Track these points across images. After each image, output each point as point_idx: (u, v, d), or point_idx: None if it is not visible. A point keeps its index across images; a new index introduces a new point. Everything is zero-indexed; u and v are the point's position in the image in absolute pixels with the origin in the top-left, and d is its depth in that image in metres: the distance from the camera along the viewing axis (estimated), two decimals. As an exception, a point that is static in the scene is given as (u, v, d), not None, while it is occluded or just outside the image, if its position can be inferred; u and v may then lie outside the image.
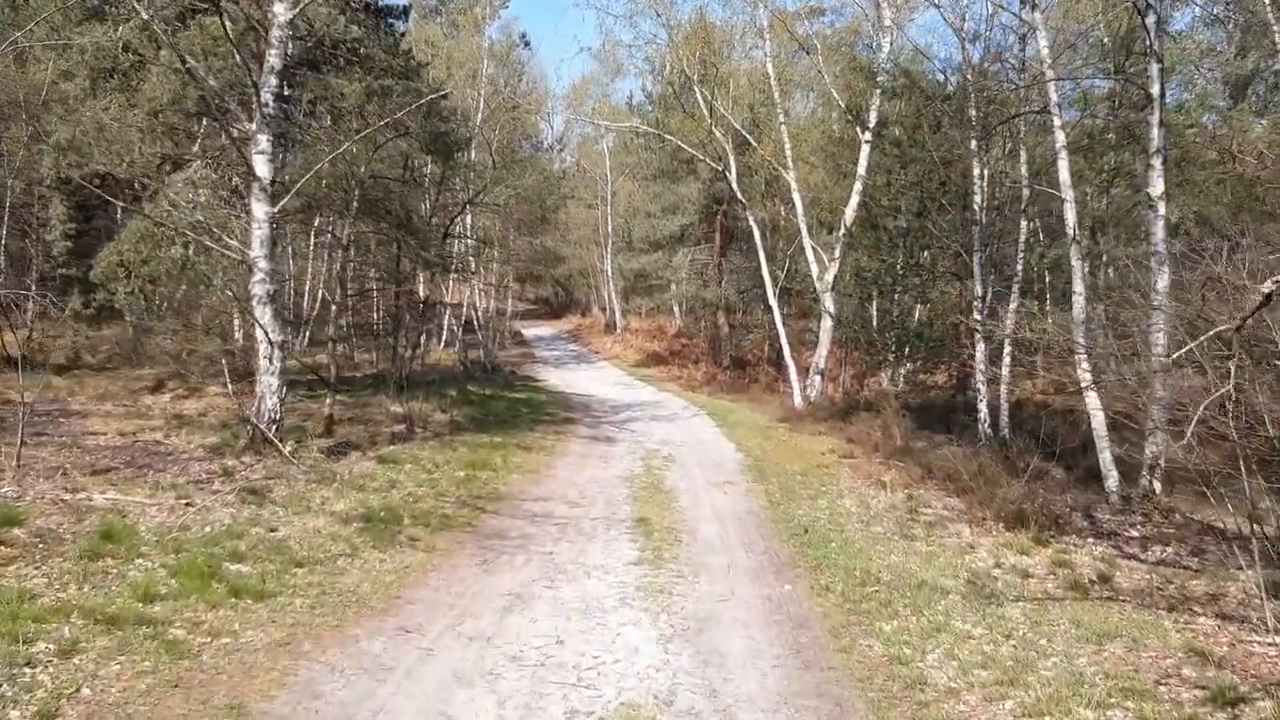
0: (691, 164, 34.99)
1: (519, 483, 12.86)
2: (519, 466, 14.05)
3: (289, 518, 9.38)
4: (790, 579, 8.78)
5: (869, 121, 22.30)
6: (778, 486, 13.95)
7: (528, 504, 11.51)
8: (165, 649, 5.74)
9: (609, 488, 13.00)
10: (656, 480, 13.82)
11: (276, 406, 12.08)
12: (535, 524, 10.41)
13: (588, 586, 8.07)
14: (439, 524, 9.88)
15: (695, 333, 38.98)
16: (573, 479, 13.54)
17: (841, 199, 26.35)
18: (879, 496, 13.46)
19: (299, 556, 8.07)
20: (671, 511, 11.57)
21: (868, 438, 18.21)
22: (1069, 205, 13.59)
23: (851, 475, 15.24)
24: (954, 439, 17.66)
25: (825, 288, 24.09)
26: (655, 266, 36.42)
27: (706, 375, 31.95)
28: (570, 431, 18.87)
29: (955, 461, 14.83)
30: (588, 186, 45.06)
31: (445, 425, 17.60)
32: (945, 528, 11.57)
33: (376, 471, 12.33)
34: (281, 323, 19.34)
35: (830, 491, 13.68)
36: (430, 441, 15.39)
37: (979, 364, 17.28)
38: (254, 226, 11.77)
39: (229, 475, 10.95)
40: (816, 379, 24.27)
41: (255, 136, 11.78)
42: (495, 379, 28.28)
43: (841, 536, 10.68)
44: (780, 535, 10.68)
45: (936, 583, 8.77)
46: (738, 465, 15.90)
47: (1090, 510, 13.16)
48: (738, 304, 35.12)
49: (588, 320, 48.94)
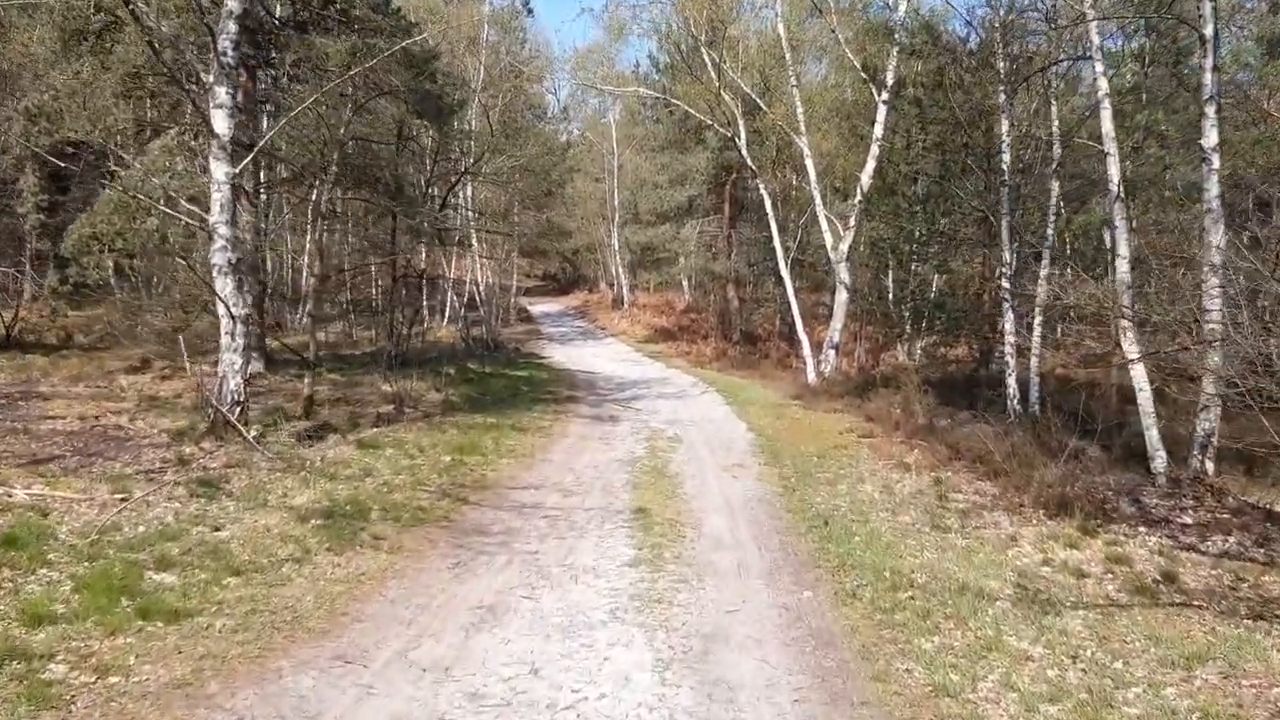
0: (699, 133, 33.52)
1: (510, 468, 11.61)
2: (512, 450, 12.80)
3: (239, 514, 8.15)
4: (810, 582, 7.52)
5: (886, 81, 20.83)
6: (793, 470, 12.68)
7: (516, 493, 10.27)
8: (29, 696, 4.52)
9: (608, 473, 11.75)
10: (661, 464, 12.56)
11: (240, 387, 10.85)
12: (522, 516, 9.17)
13: (574, 595, 6.82)
14: (411, 518, 8.64)
15: (705, 307, 37.60)
16: (570, 463, 12.29)
17: (856, 165, 24.90)
18: (903, 480, 12.17)
19: (238, 562, 6.84)
20: (676, 500, 10.32)
21: (887, 415, 16.89)
22: (1113, 159, 12.18)
23: (872, 456, 13.95)
24: (980, 416, 16.33)
25: (840, 258, 22.70)
26: (662, 239, 34.97)
27: (716, 351, 30.62)
28: (571, 411, 17.63)
29: (985, 441, 13.51)
30: (594, 160, 43.58)
31: (438, 405, 16.39)
32: (980, 516, 10.28)
33: (353, 457, 11.10)
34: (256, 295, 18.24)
35: (850, 475, 12.40)
36: (419, 423, 14.17)
37: (1007, 335, 15.91)
38: (213, 189, 10.49)
39: (184, 464, 9.74)
40: (831, 354, 22.94)
41: (213, 89, 10.48)
42: (498, 356, 27.03)
43: (866, 528, 9.41)
44: (797, 527, 9.41)
45: (980, 585, 7.50)
46: (749, 446, 14.63)
47: (1136, 494, 11.82)
48: (748, 277, 33.72)
49: (595, 296, 47.60)
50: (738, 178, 32.62)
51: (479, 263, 29.45)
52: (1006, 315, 15.96)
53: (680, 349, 31.92)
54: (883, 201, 20.72)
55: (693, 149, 33.67)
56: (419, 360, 23.46)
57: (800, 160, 30.47)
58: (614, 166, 39.94)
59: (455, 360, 24.20)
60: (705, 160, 32.81)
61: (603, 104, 44.34)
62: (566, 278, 54.95)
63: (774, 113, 24.65)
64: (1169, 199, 17.35)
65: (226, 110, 10.49)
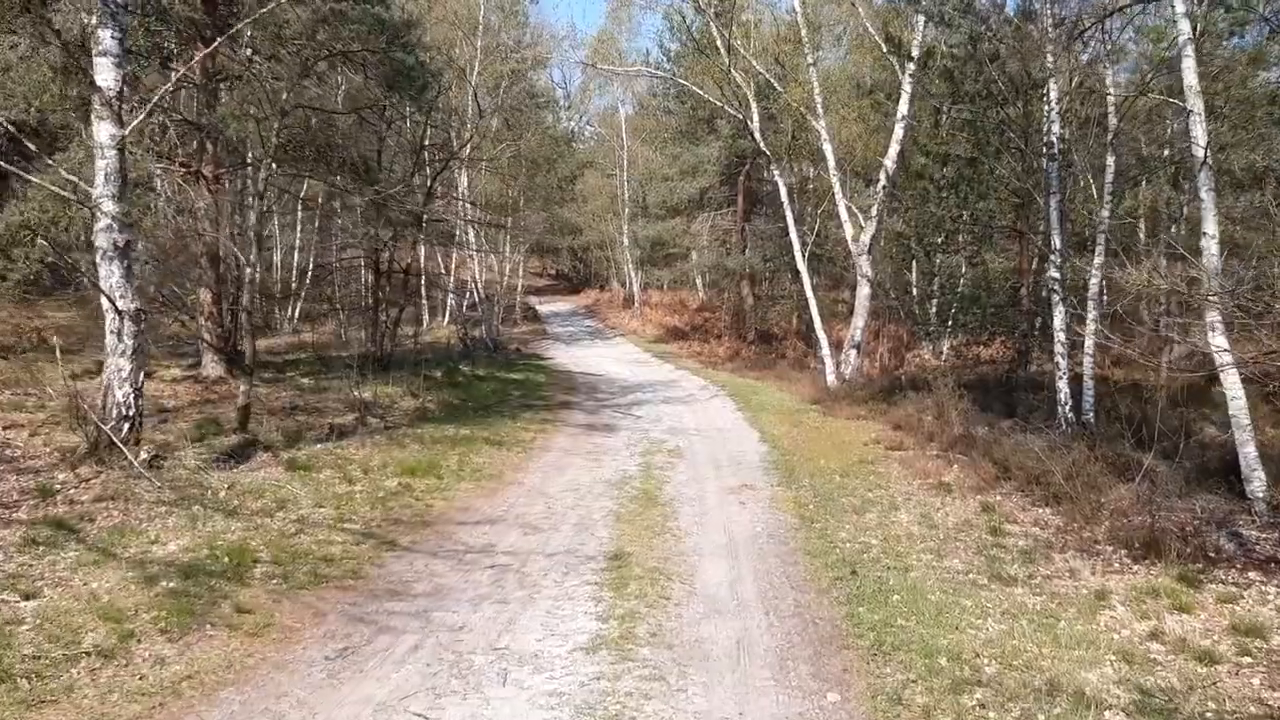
0: (712, 123, 31.23)
1: (467, 495, 9.40)
2: (478, 470, 10.59)
3: (70, 572, 6.00)
4: (836, 675, 5.28)
5: (911, 53, 18.49)
6: (811, 492, 10.43)
7: (465, 531, 8.07)
8: None
9: (589, 499, 9.53)
10: (655, 486, 10.32)
11: (130, 399, 8.72)
12: (461, 567, 6.97)
13: (495, 710, 4.62)
14: (308, 576, 6.45)
15: (718, 306, 35.30)
16: (544, 487, 10.07)
17: (878, 150, 22.59)
18: (945, 507, 9.90)
19: (8, 660, 4.67)
20: (665, 538, 8.09)
21: (918, 424, 14.60)
22: (1197, 118, 9.82)
23: (904, 474, 11.68)
24: (1024, 424, 14.02)
25: (861, 250, 20.38)
26: (673, 234, 32.64)
27: (729, 351, 28.33)
28: (563, 419, 15.42)
29: (1037, 456, 11.18)
30: (605, 154, 41.36)
31: (410, 414, 14.25)
32: (1049, 559, 7.99)
33: (274, 483, 8.94)
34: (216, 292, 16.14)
35: (880, 500, 10.12)
36: (377, 436, 12.01)
37: (1057, 332, 13.56)
38: (97, 155, 8.36)
39: (46, 496, 7.61)
40: (852, 354, 20.61)
41: (96, 33, 8.36)
42: (496, 358, 24.89)
43: (906, 580, 7.15)
44: (818, 578, 7.16)
45: (1075, 682, 5.23)
46: (761, 461, 12.38)
47: (1230, 524, 9.45)
48: (763, 273, 31.39)
49: (607, 295, 45.36)
50: (751, 168, 30.31)
51: (478, 259, 27.28)
52: (1056, 310, 13.61)
53: (692, 349, 29.65)
54: (910, 185, 18.39)
55: (704, 139, 31.36)
56: (411, 362, 21.38)
57: (817, 147, 28.19)
58: (624, 160, 37.71)
59: (449, 362, 22.09)
60: (717, 150, 30.50)
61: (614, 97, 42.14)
62: (578, 277, 52.75)
63: (790, 94, 22.33)
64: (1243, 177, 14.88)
65: (112, 59, 8.35)
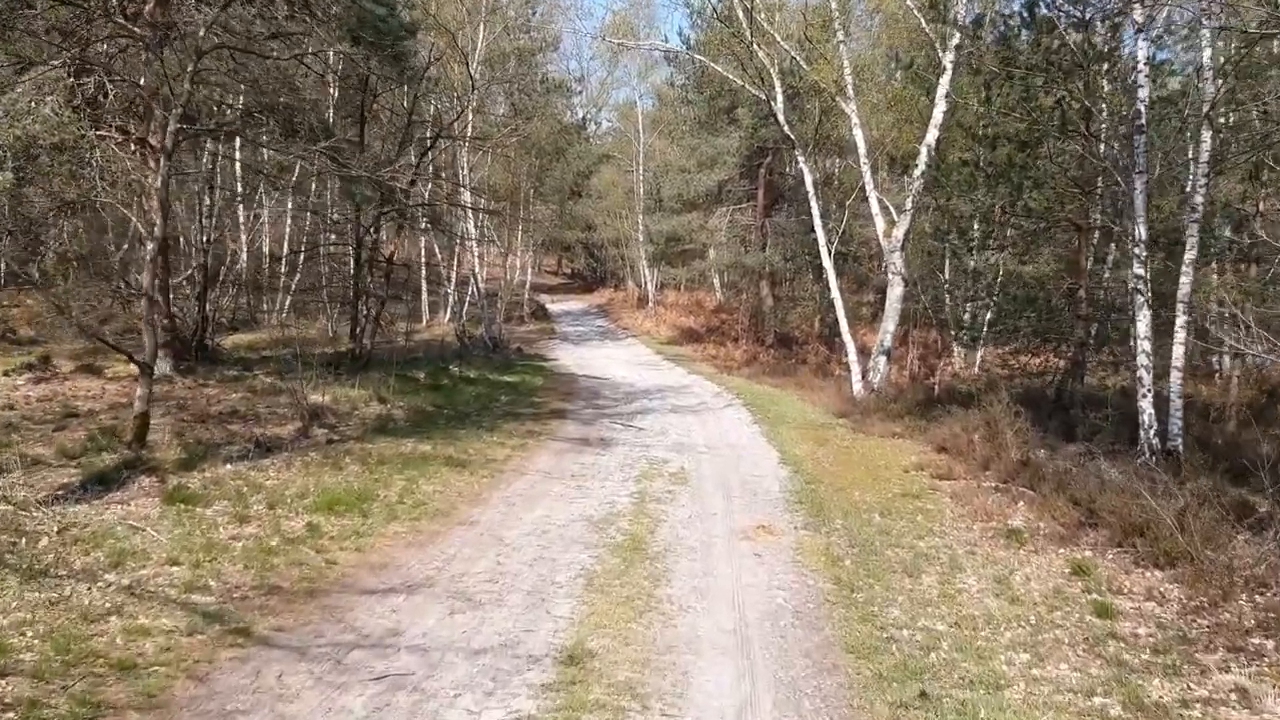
0: (732, 113, 28.71)
1: (391, 544, 6.93)
2: (421, 505, 8.13)
3: None
4: None
5: (957, 19, 15.91)
6: (847, 538, 7.95)
7: (366, 606, 5.60)
8: None
9: (556, 548, 7.07)
10: (646, 529, 7.85)
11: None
12: (330, 683, 4.50)
13: None
14: (66, 709, 4.00)
15: (736, 307, 32.72)
16: (502, 529, 7.61)
17: (913, 138, 20.05)
18: (1023, 566, 7.39)
19: None
20: (649, 621, 5.61)
21: (967, 447, 12.03)
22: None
23: (959, 513, 9.17)
24: (1090, 449, 11.47)
25: (894, 247, 17.83)
26: (688, 229, 30.02)
27: (746, 355, 25.76)
28: (551, 431, 12.97)
29: (1131, 495, 8.63)
30: (623, 149, 38.88)
31: (369, 423, 11.86)
32: (1195, 664, 5.46)
33: (133, 524, 6.54)
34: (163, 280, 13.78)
35: (936, 553, 7.61)
36: (313, 453, 9.61)
37: (1140, 341, 10.95)
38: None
39: None
40: (881, 361, 18.06)
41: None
42: (494, 358, 22.48)
43: (1001, 707, 4.64)
44: (870, 703, 4.66)
45: None
46: (781, 489, 9.90)
47: None
48: (783, 272, 28.82)
49: (621, 294, 42.80)
50: (773, 160, 27.74)
51: (478, 251, 24.86)
52: (1139, 314, 10.99)
53: (706, 352, 27.09)
54: (950, 175, 15.78)
55: (724, 130, 28.80)
56: (400, 361, 19.03)
57: (844, 136, 25.63)
58: (640, 154, 35.21)
59: (439, 362, 19.71)
60: (737, 141, 27.91)
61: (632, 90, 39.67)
62: (594, 276, 50.26)
63: (817, 72, 19.77)
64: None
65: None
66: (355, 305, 17.85)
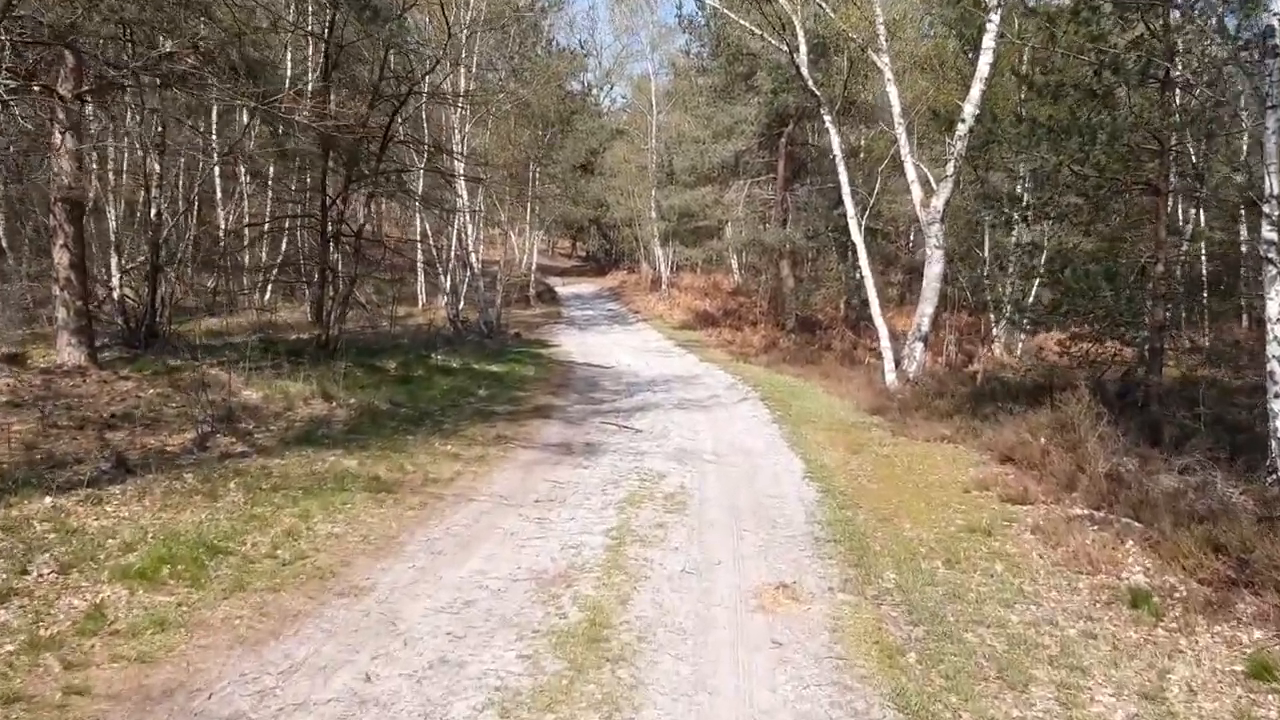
0: (750, 79, 25.90)
1: (200, 648, 4.42)
2: (298, 560, 5.65)
3: None
4: None
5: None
6: (905, 611, 5.43)
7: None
8: None
9: (467, 646, 4.58)
10: (615, 597, 5.35)
11: None
12: None
13: None
14: None
15: (755, 289, 30.04)
16: (400, 605, 5.10)
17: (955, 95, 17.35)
18: (1172, 662, 4.83)
19: None
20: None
21: (1040, 456, 9.42)
22: None
23: (1050, 560, 6.61)
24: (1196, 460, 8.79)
25: (933, 218, 15.16)
26: (702, 204, 27.26)
27: (765, 340, 23.11)
28: (526, 436, 10.48)
29: None
30: (636, 124, 36.18)
31: (296, 428, 9.43)
32: None
33: None
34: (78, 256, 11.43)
35: (1041, 643, 5.05)
36: (191, 473, 7.17)
37: (1272, 324, 8.28)
38: None
39: None
40: (918, 347, 15.42)
41: None
42: (487, 344, 20.04)
43: None
44: None
45: None
46: (808, 519, 7.37)
47: None
48: (805, 251, 26.12)
49: (634, 277, 40.17)
50: (795, 129, 24.97)
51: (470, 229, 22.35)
52: (1272, 288, 8.30)
53: (722, 337, 24.48)
54: (1010, 129, 13.10)
55: (742, 96, 26.00)
56: (377, 348, 16.67)
57: (871, 101, 22.86)
58: (653, 128, 32.50)
59: (423, 349, 17.29)
60: (756, 109, 25.12)
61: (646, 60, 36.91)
62: (607, 258, 47.68)
63: (845, 20, 17.03)
64: None
65: None
66: (321, 285, 15.43)
